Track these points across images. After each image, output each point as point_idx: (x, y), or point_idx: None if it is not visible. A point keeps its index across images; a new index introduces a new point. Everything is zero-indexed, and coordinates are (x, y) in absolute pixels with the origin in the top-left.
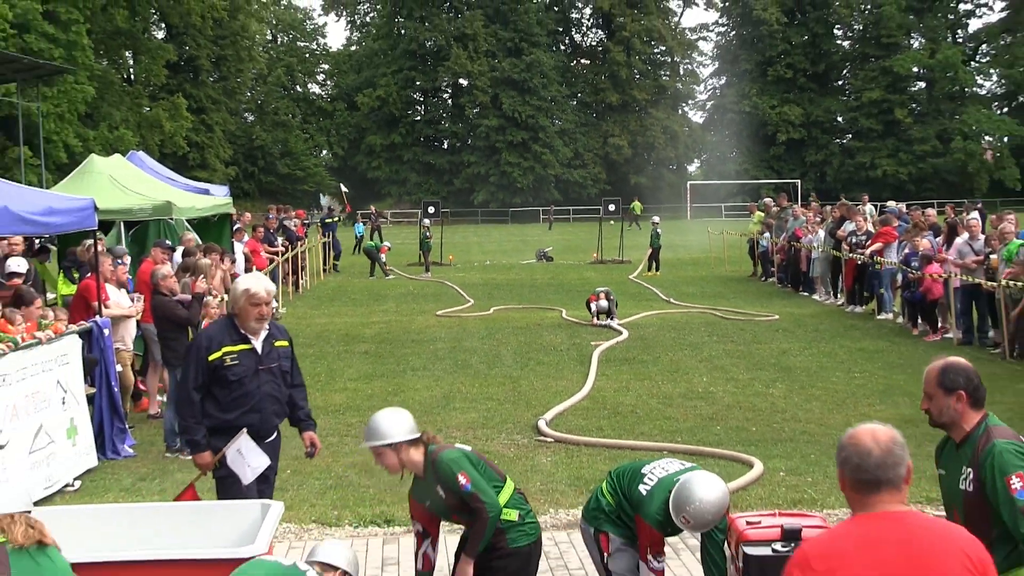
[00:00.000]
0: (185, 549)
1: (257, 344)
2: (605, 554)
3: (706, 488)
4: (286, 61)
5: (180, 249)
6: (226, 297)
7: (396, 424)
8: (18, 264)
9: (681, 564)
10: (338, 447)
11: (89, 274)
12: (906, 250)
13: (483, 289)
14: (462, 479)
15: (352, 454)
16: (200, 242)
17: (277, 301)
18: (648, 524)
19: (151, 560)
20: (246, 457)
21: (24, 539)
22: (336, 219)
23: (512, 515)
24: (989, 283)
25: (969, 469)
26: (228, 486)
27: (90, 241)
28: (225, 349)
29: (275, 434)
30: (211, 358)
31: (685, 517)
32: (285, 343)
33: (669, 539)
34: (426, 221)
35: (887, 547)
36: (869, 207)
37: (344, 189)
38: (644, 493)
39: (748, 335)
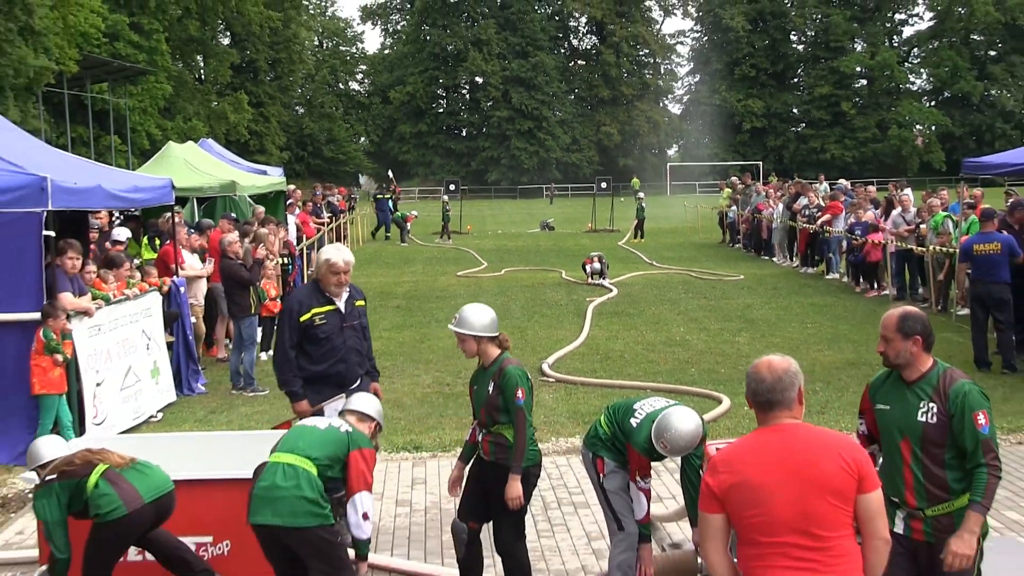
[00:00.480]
0: (249, 469)
1: (341, 304)
2: (601, 475)
3: (680, 420)
4: (330, 63)
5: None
6: (280, 260)
7: (483, 320)
8: (120, 233)
9: (662, 484)
10: None
11: (168, 241)
12: (851, 220)
13: (496, 254)
14: (520, 394)
15: (387, 392)
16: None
17: None
18: (637, 451)
19: (222, 479)
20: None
21: (121, 460)
22: (388, 196)
23: None
24: (919, 248)
25: (932, 404)
26: None
27: (169, 214)
28: (314, 311)
29: (359, 381)
30: (302, 319)
31: (663, 443)
32: (362, 302)
33: (654, 464)
34: (445, 197)
35: (773, 450)
36: (825, 185)
37: (390, 174)
38: (634, 425)
39: (718, 292)
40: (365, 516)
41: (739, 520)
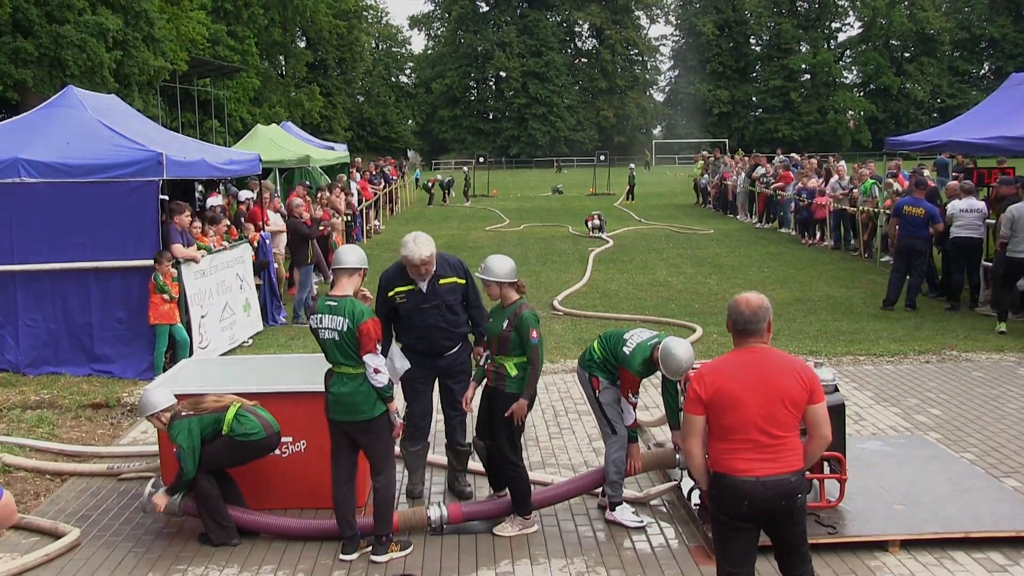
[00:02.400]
0: (319, 384)
1: (422, 286)
2: (597, 391)
3: (680, 349)
4: (384, 61)
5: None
6: (344, 218)
7: (504, 268)
8: (247, 195)
9: (648, 396)
10: None
11: (255, 204)
12: (798, 186)
13: (516, 212)
14: (534, 334)
15: None
16: (329, 181)
17: (379, 222)
18: (631, 373)
19: (299, 392)
20: (394, 360)
21: (248, 402)
22: (451, 179)
23: (514, 372)
24: (851, 208)
25: None
26: (406, 386)
27: (257, 181)
28: (397, 289)
29: (453, 349)
30: (388, 295)
31: (667, 367)
32: (453, 279)
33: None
34: (465, 168)
35: (747, 367)
36: (781, 157)
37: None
38: (627, 353)
39: (693, 243)
40: (376, 371)
41: (716, 420)
